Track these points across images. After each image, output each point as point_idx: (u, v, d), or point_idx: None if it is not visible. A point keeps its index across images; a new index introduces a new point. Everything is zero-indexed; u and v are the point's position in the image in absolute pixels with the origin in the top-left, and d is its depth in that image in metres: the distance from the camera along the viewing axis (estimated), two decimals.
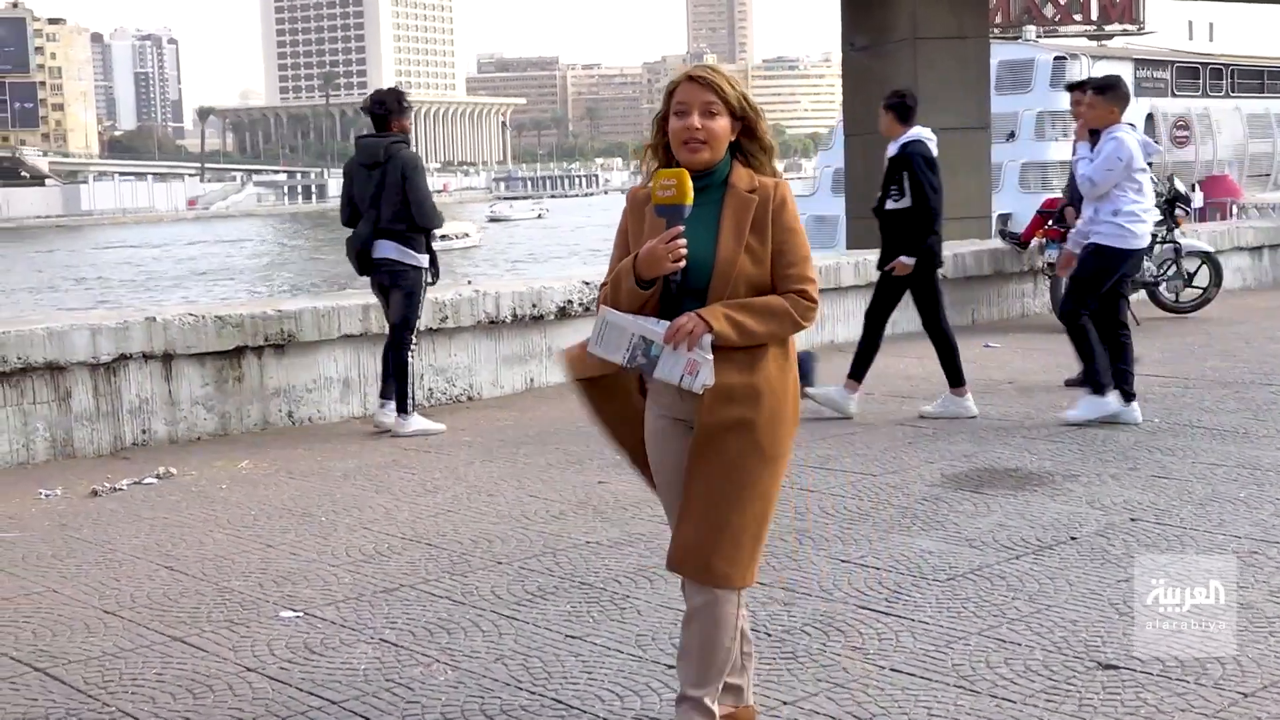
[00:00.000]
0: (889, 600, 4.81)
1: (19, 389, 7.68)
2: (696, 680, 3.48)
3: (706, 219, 3.40)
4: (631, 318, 3.38)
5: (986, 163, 18.14)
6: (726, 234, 3.40)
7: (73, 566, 5.59)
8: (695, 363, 3.31)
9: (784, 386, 3.45)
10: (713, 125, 3.41)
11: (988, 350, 11.13)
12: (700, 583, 3.41)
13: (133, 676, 4.30)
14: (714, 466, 3.37)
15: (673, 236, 3.32)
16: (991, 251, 13.26)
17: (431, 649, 4.46)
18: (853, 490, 6.47)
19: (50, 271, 68.75)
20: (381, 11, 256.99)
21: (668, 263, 3.32)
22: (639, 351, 3.37)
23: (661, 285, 3.38)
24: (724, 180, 3.46)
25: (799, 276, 3.44)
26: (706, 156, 3.42)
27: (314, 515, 6.34)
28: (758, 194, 3.44)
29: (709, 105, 3.41)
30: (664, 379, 3.36)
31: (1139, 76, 40.78)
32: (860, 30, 18.32)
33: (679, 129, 3.42)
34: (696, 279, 3.38)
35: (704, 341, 3.31)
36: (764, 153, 3.52)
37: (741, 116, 3.47)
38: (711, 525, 3.37)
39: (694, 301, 3.38)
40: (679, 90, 3.45)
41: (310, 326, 8.68)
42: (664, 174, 3.36)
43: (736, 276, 3.38)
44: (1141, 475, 6.60)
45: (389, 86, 9.21)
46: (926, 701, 3.89)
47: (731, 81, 3.46)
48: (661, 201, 3.35)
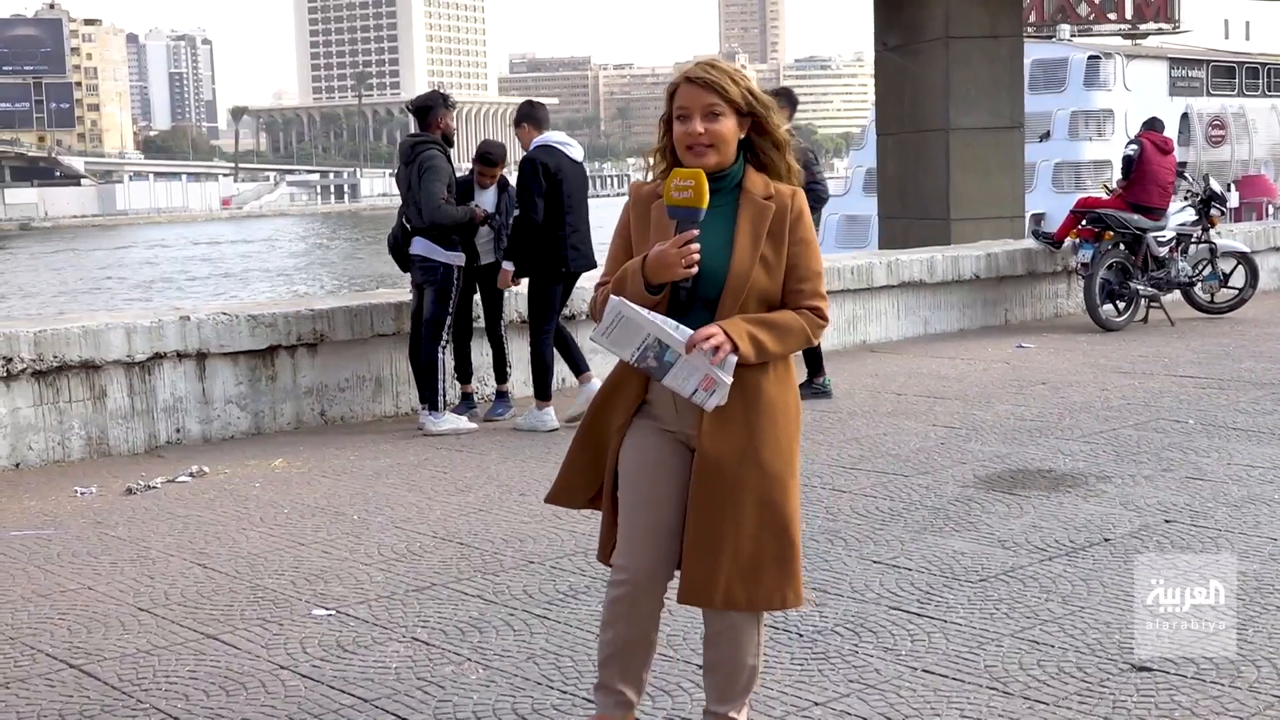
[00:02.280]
0: (921, 601, 4.80)
1: (55, 387, 7.73)
2: (721, 696, 3.46)
3: (719, 225, 3.26)
4: (648, 315, 3.20)
5: (1020, 162, 18.06)
6: (742, 243, 3.26)
7: (107, 564, 5.62)
8: (713, 380, 3.18)
9: (786, 403, 3.35)
10: (717, 128, 3.25)
11: (1021, 350, 11.07)
12: (706, 606, 3.36)
13: (166, 673, 4.32)
14: (724, 493, 3.27)
15: (686, 241, 3.17)
16: (1025, 251, 13.20)
17: (463, 648, 4.47)
18: (884, 491, 6.45)
19: (86, 271, 69.23)
20: (414, 12, 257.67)
21: (679, 268, 3.17)
22: (651, 353, 3.21)
23: (670, 292, 3.25)
24: (737, 184, 3.32)
25: (812, 292, 3.32)
26: (714, 161, 3.26)
27: (346, 514, 6.36)
28: (774, 201, 3.30)
29: (711, 107, 3.25)
30: (673, 388, 3.23)
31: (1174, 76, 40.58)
32: (893, 30, 18.28)
33: (681, 135, 3.27)
34: (707, 288, 3.25)
35: (728, 362, 3.18)
36: (776, 149, 3.35)
37: (749, 113, 3.30)
38: (733, 554, 3.28)
39: (703, 310, 3.26)
40: (679, 93, 3.28)
41: (343, 326, 8.71)
42: (681, 173, 3.20)
43: (750, 288, 3.25)
44: (1176, 476, 6.56)
45: (430, 89, 9.34)
46: (959, 703, 3.88)
47: (734, 77, 3.28)
48: (676, 203, 3.19)
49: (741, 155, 3.34)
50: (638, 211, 3.39)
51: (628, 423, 3.40)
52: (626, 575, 3.39)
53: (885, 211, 18.94)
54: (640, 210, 3.38)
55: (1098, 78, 38.72)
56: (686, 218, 3.19)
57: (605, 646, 3.49)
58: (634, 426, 3.40)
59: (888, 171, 18.86)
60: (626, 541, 3.39)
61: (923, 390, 9.31)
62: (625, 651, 3.46)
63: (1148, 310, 12.51)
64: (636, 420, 3.40)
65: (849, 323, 11.60)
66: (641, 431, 3.39)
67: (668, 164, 3.36)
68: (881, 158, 19.30)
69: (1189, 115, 39.70)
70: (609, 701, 3.50)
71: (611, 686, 3.49)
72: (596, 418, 3.46)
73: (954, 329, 12.42)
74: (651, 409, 3.39)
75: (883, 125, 18.92)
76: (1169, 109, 37.38)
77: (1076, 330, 12.17)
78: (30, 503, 6.78)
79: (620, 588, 3.40)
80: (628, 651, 3.46)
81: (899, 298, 12.04)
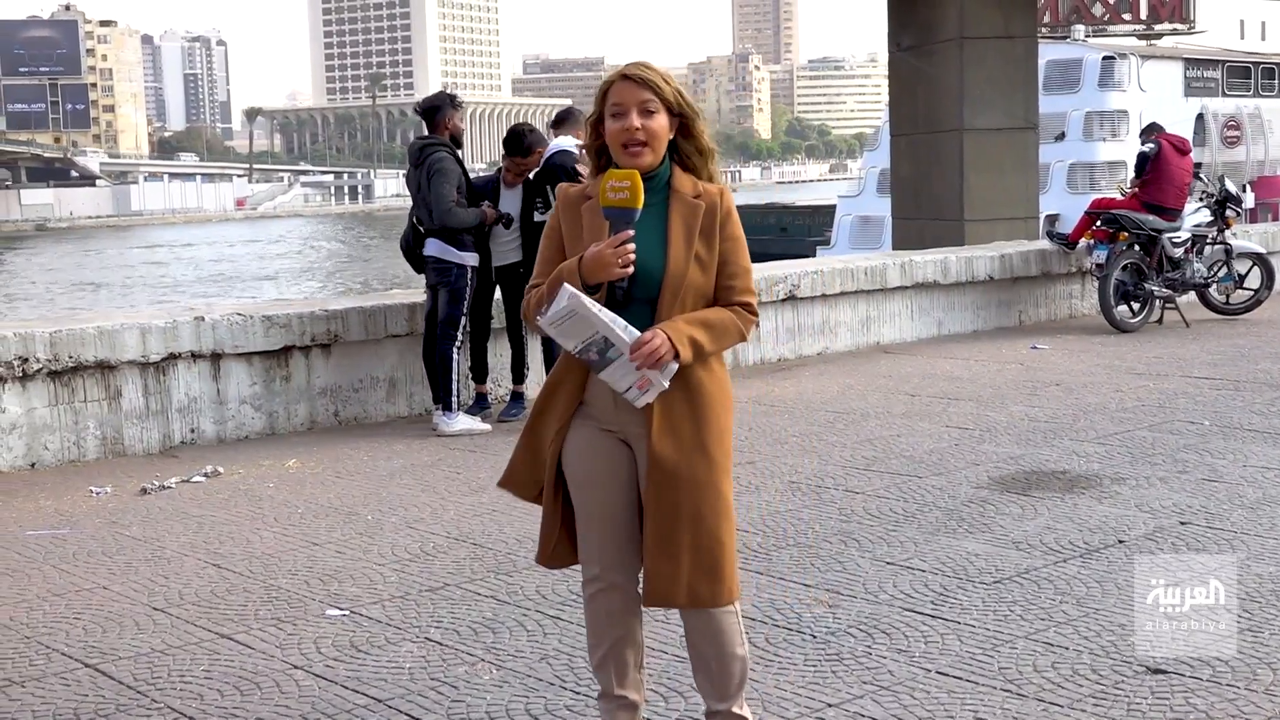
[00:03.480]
0: (935, 603, 4.79)
1: (70, 387, 7.76)
2: (720, 694, 3.47)
3: (651, 224, 3.28)
4: (601, 315, 3.20)
5: (1034, 163, 17.99)
6: (676, 242, 3.30)
7: (122, 563, 5.64)
8: (649, 381, 3.25)
9: (723, 397, 3.42)
10: (651, 125, 3.28)
11: (1035, 352, 11.05)
12: (695, 607, 3.37)
13: (181, 673, 4.34)
14: (679, 494, 3.31)
15: (622, 241, 3.20)
16: (1039, 252, 13.17)
17: (476, 648, 4.48)
18: (898, 492, 6.44)
19: (103, 271, 69.42)
20: (428, 13, 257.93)
21: (615, 268, 3.20)
22: (594, 349, 3.24)
23: (606, 291, 3.26)
24: (666, 183, 3.35)
25: (743, 289, 3.37)
26: (649, 160, 3.30)
27: (360, 514, 6.37)
28: (703, 200, 3.34)
29: (646, 104, 3.28)
30: (609, 382, 3.28)
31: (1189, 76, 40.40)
32: (906, 30, 18.22)
33: (617, 131, 3.29)
34: (644, 287, 3.28)
35: (669, 368, 3.23)
36: (701, 155, 3.39)
37: (679, 114, 3.34)
38: (692, 551, 3.32)
39: (640, 308, 3.28)
40: (613, 90, 3.31)
41: (357, 326, 8.72)
42: (616, 174, 3.21)
43: (686, 286, 3.29)
44: (1191, 478, 6.54)
45: (436, 90, 9.35)
46: (973, 705, 3.87)
47: (666, 78, 3.32)
48: (612, 204, 3.21)
49: (668, 155, 3.37)
50: (568, 214, 3.41)
51: (565, 425, 3.43)
52: (596, 574, 3.45)
53: (899, 212, 18.87)
54: (570, 213, 3.40)
55: (1112, 78, 38.57)
56: (621, 218, 3.22)
57: (596, 652, 3.51)
58: (573, 429, 3.42)
59: (901, 172, 18.80)
60: (588, 545, 3.45)
61: (937, 391, 9.30)
62: (616, 652, 3.48)
63: (1163, 311, 12.48)
64: (575, 422, 3.43)
65: (863, 324, 11.59)
66: (581, 433, 3.42)
67: (595, 165, 3.41)
68: (895, 158, 19.23)
69: (1204, 116, 39.54)
70: (613, 707, 3.51)
71: (612, 693, 3.50)
72: (537, 420, 3.48)
73: (968, 330, 12.41)
74: (589, 409, 3.42)
75: (896, 126, 18.87)
76: (1184, 109, 37.27)
77: (1091, 331, 12.14)
78: (46, 502, 6.81)
79: (594, 585, 3.46)
80: (618, 651, 3.48)
81: (913, 299, 12.02)
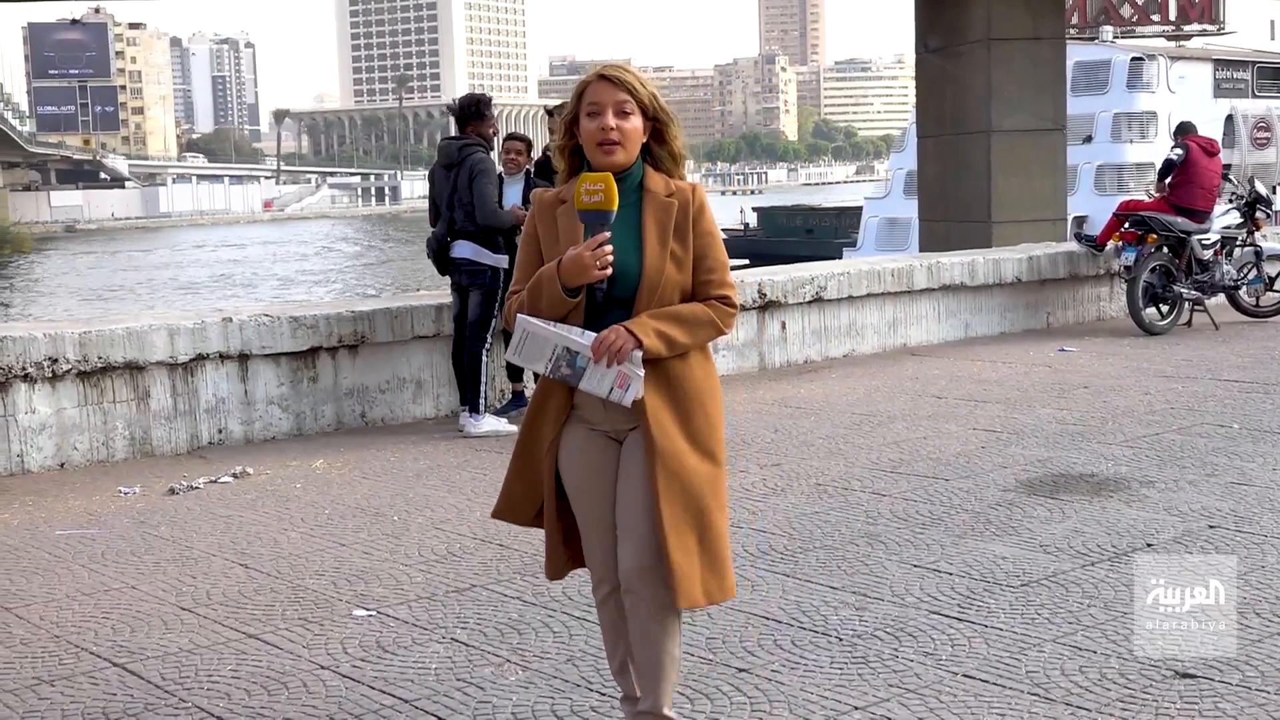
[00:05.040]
0: (962, 606, 4.77)
1: (99, 388, 7.80)
2: (656, 694, 3.44)
3: (626, 225, 3.30)
4: (553, 328, 3.27)
5: (1062, 165, 17.94)
6: (651, 241, 3.32)
7: (150, 563, 5.67)
8: (625, 376, 3.25)
9: (712, 389, 3.42)
10: (626, 125, 3.31)
11: (1063, 354, 11.01)
12: (698, 605, 3.36)
13: (208, 672, 4.35)
14: (684, 486, 3.31)
15: (599, 243, 3.22)
16: (1067, 254, 13.11)
17: (503, 649, 4.48)
18: (925, 495, 6.42)
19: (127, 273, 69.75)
20: (455, 14, 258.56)
21: (594, 270, 3.22)
22: (563, 362, 3.28)
23: (586, 294, 3.28)
24: (639, 184, 3.37)
25: (719, 282, 3.38)
26: (622, 159, 3.32)
27: (387, 515, 6.38)
28: (676, 198, 3.36)
29: (622, 104, 3.31)
30: (591, 391, 3.29)
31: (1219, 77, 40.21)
32: (934, 32, 18.19)
33: (593, 130, 3.31)
34: (621, 288, 3.30)
35: (635, 356, 3.24)
36: (673, 159, 3.42)
37: (653, 117, 3.36)
38: (700, 545, 3.32)
39: (620, 309, 3.30)
40: (590, 90, 3.33)
41: (384, 327, 8.75)
42: (589, 178, 3.24)
43: (664, 284, 3.30)
44: (1220, 482, 6.50)
45: (469, 92, 9.41)
46: (1000, 708, 3.86)
47: (643, 80, 3.35)
48: (586, 207, 3.23)
49: (641, 157, 3.38)
50: (544, 219, 3.42)
51: (558, 435, 3.44)
52: (602, 576, 3.48)
53: (926, 214, 18.85)
54: (546, 217, 3.41)
55: (1141, 79, 38.42)
56: (596, 220, 3.24)
57: (614, 659, 3.54)
58: (566, 435, 3.44)
59: (928, 174, 18.77)
60: (592, 550, 3.48)
61: (963, 394, 9.27)
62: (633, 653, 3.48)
63: (1191, 314, 12.40)
64: (567, 428, 3.44)
65: (889, 326, 11.56)
66: (574, 438, 3.44)
67: (568, 166, 3.42)
68: (922, 160, 19.20)
69: (1234, 117, 39.33)
70: (634, 710, 3.51)
71: (634, 695, 3.51)
72: (528, 436, 3.49)
73: (995, 332, 12.36)
74: (580, 413, 3.43)
75: (923, 127, 18.85)
76: (1213, 111, 37.07)
77: (1119, 334, 12.08)
78: (75, 502, 6.84)
79: (602, 590, 3.50)
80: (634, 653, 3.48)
81: (940, 301, 11.98)
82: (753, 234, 55.02)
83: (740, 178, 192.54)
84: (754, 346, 10.63)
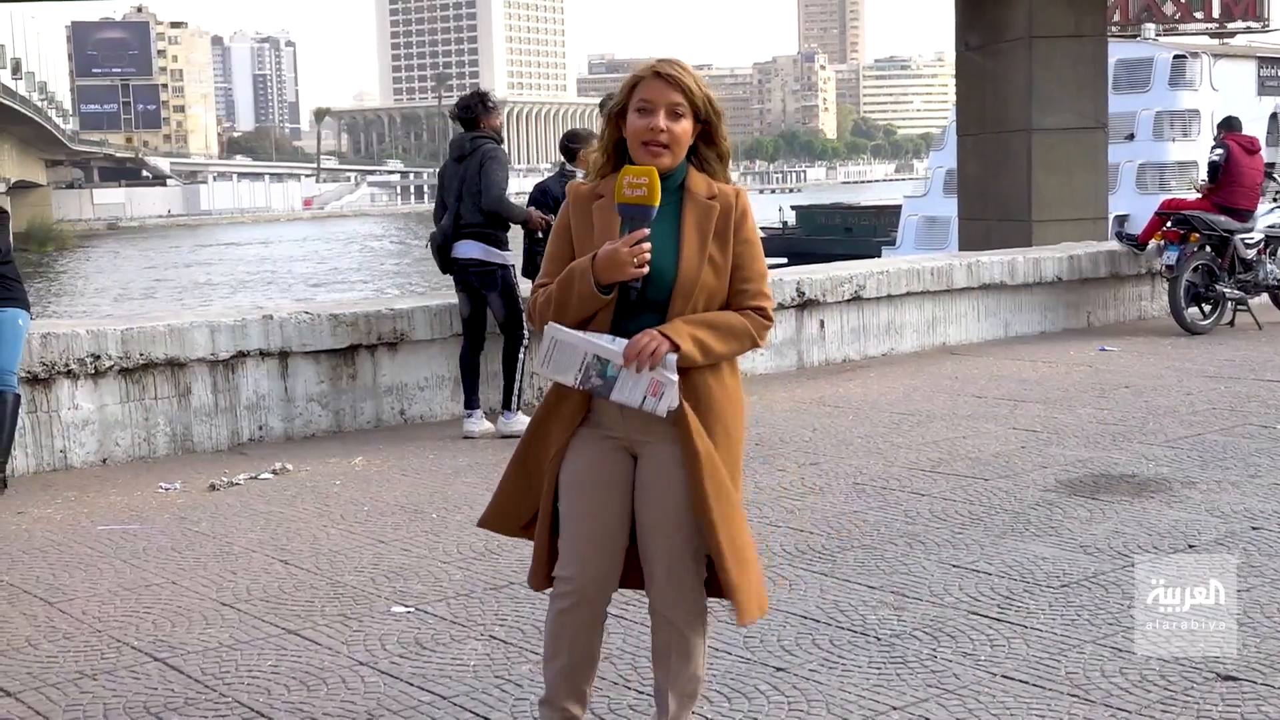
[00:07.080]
0: (1001, 606, 4.75)
1: (141, 385, 7.86)
2: (683, 715, 3.40)
3: (664, 226, 3.18)
4: (583, 335, 3.14)
5: (1103, 163, 17.82)
6: (689, 243, 3.19)
7: (191, 559, 5.71)
8: (659, 384, 3.11)
9: (739, 404, 3.32)
10: (677, 128, 3.19)
11: (1103, 353, 10.93)
12: (742, 623, 3.30)
13: (248, 668, 4.38)
14: (727, 500, 3.22)
15: (638, 239, 3.10)
16: (1108, 253, 13.02)
17: (541, 647, 4.48)
18: (964, 495, 6.40)
19: (173, 271, 70.25)
20: (494, 12, 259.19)
21: (630, 267, 3.10)
22: (593, 372, 3.14)
23: (619, 293, 3.16)
24: (680, 184, 3.25)
25: (757, 292, 3.26)
26: (668, 162, 3.20)
27: (425, 512, 6.41)
28: (718, 201, 3.24)
29: (675, 106, 3.19)
30: (623, 401, 3.16)
31: (1263, 75, 39.87)
32: (975, 29, 18.10)
33: (641, 128, 3.19)
34: (655, 289, 3.18)
35: (669, 361, 3.11)
36: (720, 161, 3.30)
37: (704, 120, 3.24)
38: (737, 559, 3.24)
39: (651, 313, 3.19)
40: (643, 85, 3.20)
41: (423, 325, 8.77)
42: (634, 170, 3.12)
43: (699, 289, 3.19)
44: (1264, 483, 6.44)
45: (500, 89, 9.35)
46: (1039, 710, 3.84)
47: (699, 81, 3.23)
48: (628, 200, 3.11)
49: (685, 157, 3.28)
50: (578, 212, 3.31)
51: (566, 444, 3.31)
52: (573, 587, 3.30)
53: (965, 213, 18.75)
54: (581, 210, 3.30)
55: (1183, 77, 38.14)
56: (637, 215, 3.12)
57: (553, 662, 3.39)
58: (576, 442, 3.30)
59: (968, 172, 18.67)
60: (572, 551, 3.30)
61: (1003, 393, 9.22)
62: (572, 667, 3.37)
63: (1234, 313, 12.29)
64: (578, 434, 3.30)
65: (929, 325, 11.51)
66: (586, 446, 3.30)
67: (608, 160, 3.30)
68: (962, 158, 19.10)
69: (1278, 115, 38.96)
70: (555, 717, 3.42)
71: (557, 703, 3.41)
72: (533, 442, 3.37)
73: (1035, 331, 12.29)
74: (596, 417, 3.30)
75: (963, 126, 18.75)
76: (1257, 109, 36.73)
77: (1161, 333, 11.99)
78: (117, 498, 6.90)
79: (566, 599, 3.32)
80: (576, 667, 3.38)
81: (979, 300, 11.93)
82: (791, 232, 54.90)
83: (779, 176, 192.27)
84: (792, 345, 10.61)
